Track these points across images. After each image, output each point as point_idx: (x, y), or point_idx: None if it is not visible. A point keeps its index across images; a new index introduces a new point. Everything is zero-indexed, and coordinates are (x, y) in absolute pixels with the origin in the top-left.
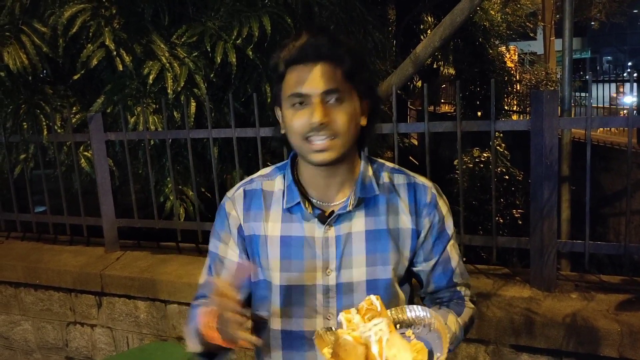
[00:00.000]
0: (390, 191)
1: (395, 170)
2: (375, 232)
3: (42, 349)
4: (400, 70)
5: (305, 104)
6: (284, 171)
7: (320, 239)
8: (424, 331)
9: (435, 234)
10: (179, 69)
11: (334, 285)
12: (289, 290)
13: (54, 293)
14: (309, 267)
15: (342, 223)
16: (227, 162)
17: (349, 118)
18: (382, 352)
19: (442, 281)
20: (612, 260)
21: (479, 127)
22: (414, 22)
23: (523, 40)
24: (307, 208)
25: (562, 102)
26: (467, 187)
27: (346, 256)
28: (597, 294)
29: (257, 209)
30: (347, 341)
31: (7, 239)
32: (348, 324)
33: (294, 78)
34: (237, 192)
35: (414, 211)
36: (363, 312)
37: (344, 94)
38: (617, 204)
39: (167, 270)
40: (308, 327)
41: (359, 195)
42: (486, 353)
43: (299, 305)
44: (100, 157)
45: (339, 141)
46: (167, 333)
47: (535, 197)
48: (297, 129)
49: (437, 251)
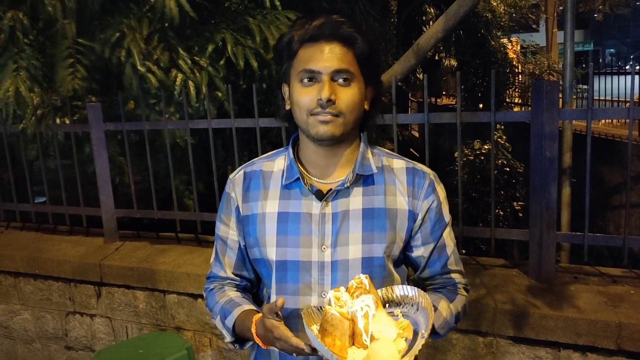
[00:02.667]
0: (388, 172)
1: (394, 156)
2: (372, 211)
3: (41, 339)
4: (402, 61)
5: (314, 81)
6: (286, 152)
7: (317, 215)
8: (411, 310)
9: (434, 218)
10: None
11: (329, 262)
12: (284, 265)
13: (54, 283)
14: (304, 243)
15: (340, 200)
16: (229, 154)
17: (354, 99)
18: (368, 327)
19: (437, 267)
20: (612, 253)
21: (479, 118)
22: (415, 13)
23: (525, 32)
24: (306, 184)
25: (564, 94)
26: (467, 179)
27: (342, 233)
28: (596, 286)
29: (256, 189)
30: (334, 316)
31: (7, 229)
32: (336, 302)
33: (306, 55)
34: (237, 175)
35: (412, 193)
36: (352, 290)
37: (352, 75)
38: (617, 196)
39: (166, 260)
40: (303, 304)
41: (357, 172)
42: (484, 345)
43: (294, 281)
44: (100, 147)
45: (342, 119)
46: (166, 323)
47: (535, 188)
48: (304, 104)
49: (435, 237)
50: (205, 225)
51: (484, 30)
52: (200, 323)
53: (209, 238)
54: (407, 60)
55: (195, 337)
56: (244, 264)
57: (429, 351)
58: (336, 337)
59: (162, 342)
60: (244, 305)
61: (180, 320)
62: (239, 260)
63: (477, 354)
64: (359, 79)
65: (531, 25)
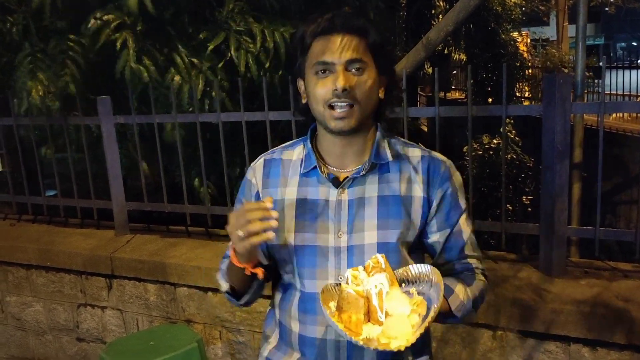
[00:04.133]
0: (404, 160)
1: (411, 145)
2: (387, 198)
3: (53, 330)
4: (412, 54)
5: (329, 72)
6: (304, 142)
7: (333, 202)
8: (426, 287)
9: (449, 205)
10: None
11: (345, 247)
12: (302, 250)
13: (65, 275)
14: (321, 228)
15: (356, 187)
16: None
17: (368, 87)
18: (382, 304)
19: (453, 253)
20: (622, 248)
21: (491, 112)
22: (424, 7)
23: (536, 26)
24: (323, 172)
25: (575, 88)
26: (477, 174)
27: (358, 220)
28: (607, 281)
29: (275, 177)
30: (350, 294)
31: (19, 221)
32: (354, 280)
33: (319, 47)
34: (258, 162)
35: (427, 181)
36: (369, 269)
37: (365, 64)
38: (628, 191)
39: (177, 254)
40: (320, 288)
41: (373, 161)
42: (494, 338)
43: (311, 266)
44: (110, 140)
45: (357, 108)
46: (176, 316)
47: (546, 182)
48: (321, 95)
49: (451, 223)
50: (215, 219)
51: (494, 24)
52: (211, 316)
53: (220, 232)
54: (416, 53)
55: (206, 330)
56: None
57: (439, 345)
58: (352, 313)
59: (173, 334)
60: None
61: (191, 313)
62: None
63: (486, 347)
64: (372, 68)
65: (542, 19)
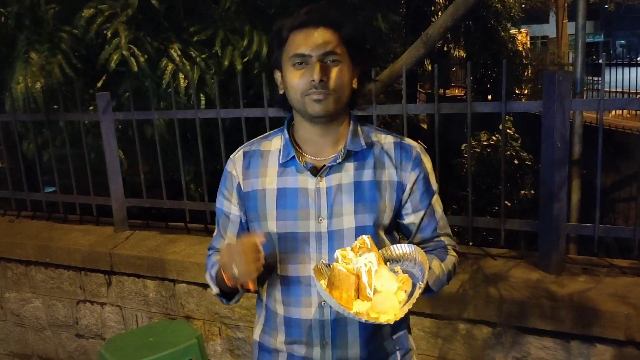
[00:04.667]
0: (377, 147)
1: (383, 132)
2: (363, 184)
3: (52, 326)
4: (411, 50)
5: (305, 64)
6: (282, 132)
7: (312, 190)
8: (409, 265)
9: (422, 188)
10: (190, 70)
11: (325, 232)
12: (284, 237)
13: (64, 271)
14: (302, 215)
15: (333, 174)
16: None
17: (343, 78)
18: (371, 281)
19: (427, 232)
20: (621, 246)
21: (490, 109)
22: (424, 3)
23: (535, 23)
24: (301, 162)
25: (575, 85)
26: (475, 171)
27: (336, 205)
28: (605, 278)
29: (255, 167)
30: (341, 272)
31: (18, 217)
32: (343, 259)
33: (296, 40)
34: (237, 154)
35: (399, 166)
36: (357, 250)
37: (340, 56)
38: (627, 188)
39: (176, 250)
40: (302, 272)
41: (348, 149)
42: (492, 335)
43: (294, 251)
44: (109, 136)
45: (333, 97)
46: (175, 312)
47: (545, 179)
48: (298, 86)
49: (425, 204)
50: (214, 215)
51: (493, 21)
52: (210, 312)
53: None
54: (416, 49)
55: (205, 326)
56: None
57: (436, 341)
58: (343, 290)
59: (172, 330)
60: None
61: (190, 310)
62: (240, 233)
63: (485, 344)
64: (346, 60)
65: (541, 16)
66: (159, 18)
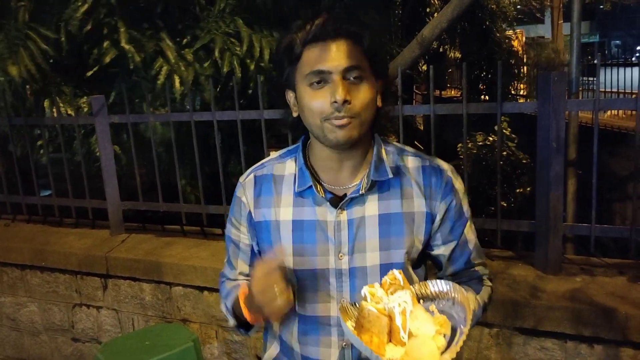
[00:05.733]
0: (404, 174)
1: (409, 153)
2: (388, 216)
3: (48, 331)
4: (406, 51)
5: (324, 82)
6: (296, 154)
7: (332, 222)
8: (447, 305)
9: (454, 217)
10: (185, 71)
11: (347, 269)
12: (302, 274)
13: (60, 275)
14: (321, 251)
15: (355, 207)
16: (231, 150)
17: (368, 97)
18: (406, 323)
19: (460, 263)
20: (618, 245)
21: (486, 109)
22: (419, 4)
23: (531, 24)
24: (319, 192)
25: (570, 85)
26: (472, 171)
27: (359, 240)
28: (603, 278)
29: (268, 195)
30: (372, 312)
31: (13, 221)
32: (372, 297)
33: (312, 56)
34: (247, 178)
35: (429, 195)
36: (387, 286)
37: (364, 71)
38: (623, 188)
39: (172, 253)
40: (322, 312)
41: (372, 178)
42: (490, 336)
43: (312, 289)
44: (105, 140)
45: (358, 121)
46: (172, 315)
47: (542, 179)
48: (317, 109)
49: (456, 235)
50: (210, 218)
51: (488, 22)
52: (207, 315)
53: (215, 231)
54: (411, 50)
55: (202, 329)
56: None
57: None
58: (374, 333)
59: (169, 334)
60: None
61: (187, 313)
62: (252, 262)
63: (483, 345)
64: (369, 74)
65: (537, 17)
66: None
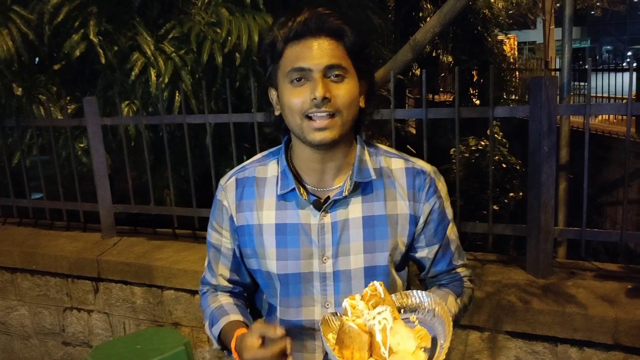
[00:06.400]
0: (387, 176)
1: (392, 155)
2: (372, 218)
3: (38, 334)
4: (399, 56)
5: (305, 80)
6: (278, 156)
7: (316, 225)
8: (427, 316)
9: (437, 219)
10: (163, 65)
11: (330, 272)
12: (286, 278)
13: (51, 278)
14: (305, 254)
15: (339, 209)
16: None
17: (350, 96)
18: (386, 340)
19: (443, 265)
20: (608, 249)
21: (478, 114)
22: (413, 9)
23: (523, 29)
24: (302, 194)
25: (561, 90)
26: (463, 176)
27: (343, 243)
28: (593, 281)
29: (250, 198)
30: (352, 329)
31: (4, 224)
32: (352, 310)
33: (294, 53)
34: (229, 181)
35: (412, 197)
36: (367, 298)
37: (345, 70)
38: (614, 193)
39: (163, 257)
40: (306, 316)
41: (356, 180)
42: (481, 340)
43: (296, 293)
44: (96, 142)
45: (339, 120)
46: (163, 319)
47: (533, 184)
48: (297, 106)
49: (439, 237)
50: (202, 221)
51: (480, 27)
52: (198, 319)
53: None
54: (404, 54)
55: (193, 333)
56: (239, 270)
57: None
58: (354, 349)
59: (160, 337)
60: (232, 315)
61: (178, 316)
62: (234, 267)
63: (474, 349)
64: (352, 73)
65: (528, 23)
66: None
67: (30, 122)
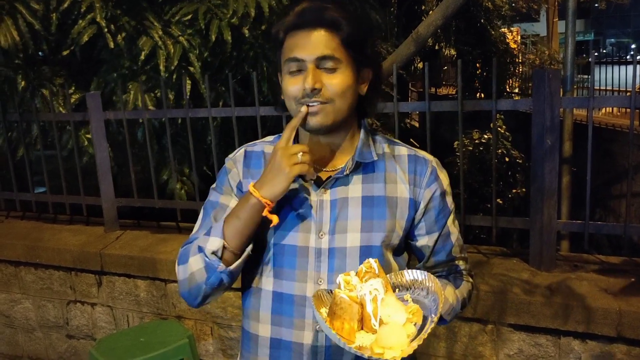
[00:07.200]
0: (389, 159)
1: (396, 142)
2: (372, 199)
3: (42, 327)
4: (401, 48)
5: (301, 70)
6: None
7: (315, 201)
8: (421, 294)
9: (437, 207)
10: (172, 48)
11: (326, 249)
12: (282, 249)
13: (54, 272)
14: (302, 228)
15: (339, 187)
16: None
17: (343, 85)
18: (377, 311)
19: (442, 255)
20: (611, 242)
21: (481, 107)
22: (415, 2)
23: (526, 22)
24: None
25: (564, 83)
26: (467, 169)
27: (341, 220)
28: (596, 274)
29: (257, 168)
30: (343, 299)
31: (7, 218)
32: (346, 285)
33: (291, 43)
34: (238, 153)
35: (413, 182)
36: (362, 274)
37: (338, 61)
38: (617, 186)
39: (167, 250)
40: (298, 290)
41: (357, 159)
42: (485, 332)
43: (290, 266)
44: (100, 136)
45: (330, 107)
46: (167, 312)
47: (536, 177)
48: (292, 94)
49: (440, 225)
50: None
51: (483, 20)
52: (202, 312)
53: None
54: (406, 47)
55: (197, 326)
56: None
57: (431, 339)
58: (345, 320)
59: (164, 330)
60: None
61: (182, 309)
62: None
63: (478, 341)
64: (347, 64)
65: (532, 15)
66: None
67: (34, 116)
